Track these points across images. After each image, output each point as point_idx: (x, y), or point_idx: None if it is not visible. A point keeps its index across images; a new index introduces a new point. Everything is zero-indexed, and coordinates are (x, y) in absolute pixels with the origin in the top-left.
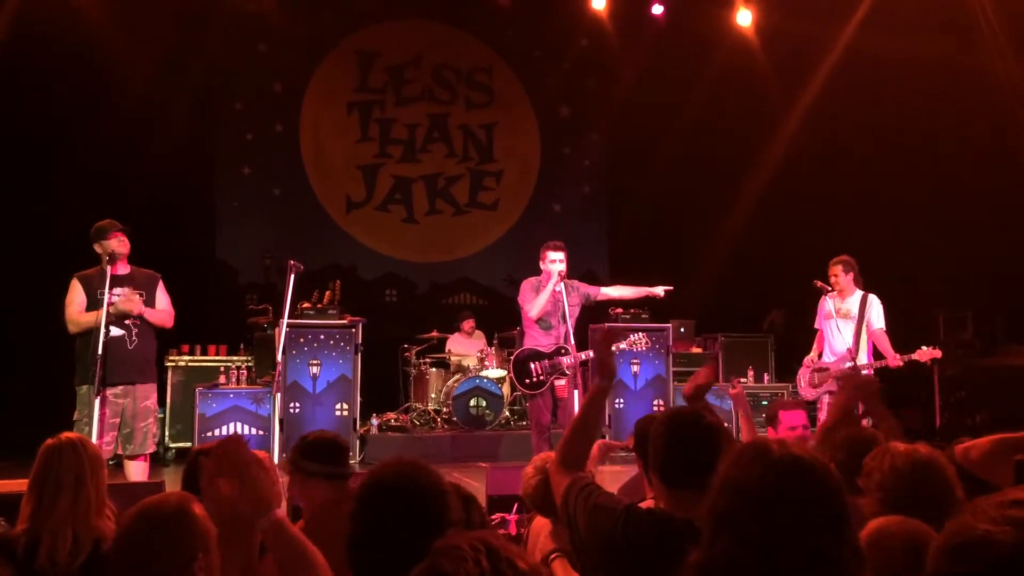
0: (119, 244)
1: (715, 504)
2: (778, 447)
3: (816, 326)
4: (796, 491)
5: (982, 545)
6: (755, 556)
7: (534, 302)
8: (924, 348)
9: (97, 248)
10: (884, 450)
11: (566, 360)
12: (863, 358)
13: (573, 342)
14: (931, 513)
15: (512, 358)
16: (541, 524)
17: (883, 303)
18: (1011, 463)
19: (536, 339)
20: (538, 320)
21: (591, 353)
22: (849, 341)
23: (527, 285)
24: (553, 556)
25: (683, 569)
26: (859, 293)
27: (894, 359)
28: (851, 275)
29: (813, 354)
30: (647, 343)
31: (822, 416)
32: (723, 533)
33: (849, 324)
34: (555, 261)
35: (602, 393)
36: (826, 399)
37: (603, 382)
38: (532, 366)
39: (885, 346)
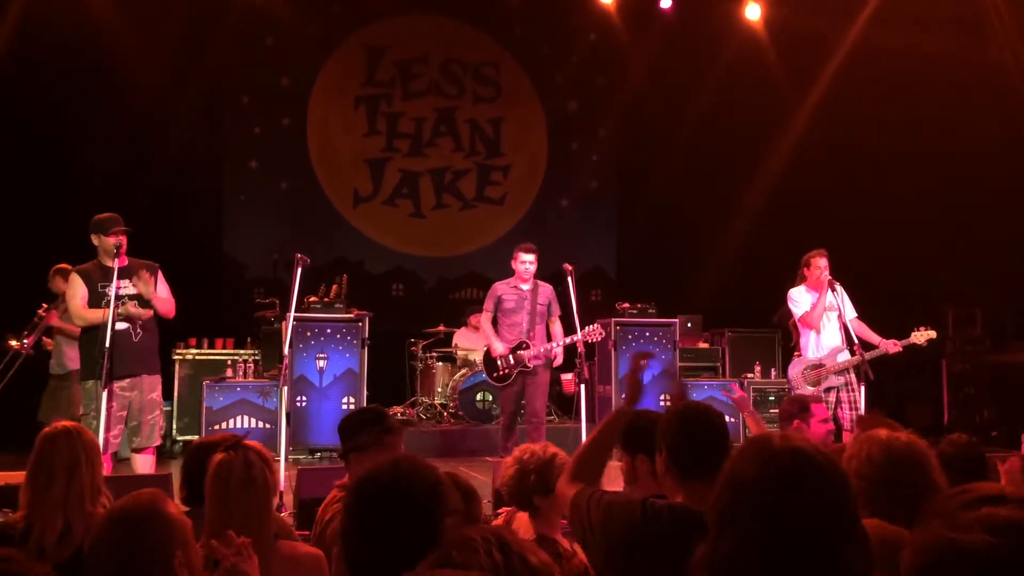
0: (117, 243)
1: (718, 500)
2: (780, 441)
3: (800, 320)
4: (797, 486)
5: (959, 557)
6: (758, 553)
7: (483, 321)
8: (918, 330)
9: (94, 240)
10: (866, 438)
11: (527, 354)
12: (847, 351)
13: (580, 333)
14: (907, 503)
15: (483, 354)
16: (521, 519)
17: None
18: None
19: (502, 335)
20: (503, 316)
21: (551, 347)
22: (838, 334)
23: (491, 292)
24: None
25: (690, 565)
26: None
27: (893, 345)
28: None
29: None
30: (600, 335)
31: (841, 413)
32: (726, 529)
33: (832, 315)
34: (524, 263)
35: (622, 416)
36: (832, 396)
37: (626, 406)
38: (498, 361)
39: (870, 334)
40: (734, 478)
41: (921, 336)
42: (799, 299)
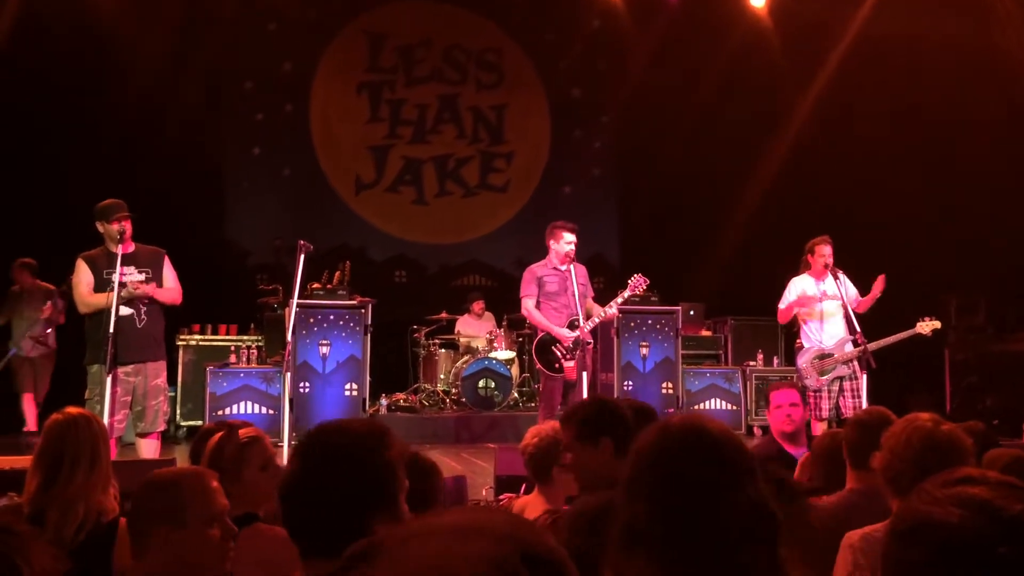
0: (120, 229)
1: (624, 474)
2: (677, 417)
3: (795, 307)
4: (690, 453)
5: (931, 528)
6: (662, 518)
7: (530, 309)
8: (923, 320)
9: (99, 227)
10: (912, 419)
11: (583, 331)
12: (851, 341)
13: (582, 322)
14: None
15: (534, 345)
16: (524, 502)
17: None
18: None
19: (550, 319)
20: (547, 300)
21: (604, 313)
22: (842, 323)
23: (529, 276)
24: None
25: (608, 537)
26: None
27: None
28: None
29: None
30: (645, 283)
31: (844, 402)
32: (634, 497)
33: (836, 304)
34: (571, 243)
35: None
36: (837, 386)
37: None
38: (554, 349)
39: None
40: (635, 450)
41: (926, 326)
42: (793, 288)
